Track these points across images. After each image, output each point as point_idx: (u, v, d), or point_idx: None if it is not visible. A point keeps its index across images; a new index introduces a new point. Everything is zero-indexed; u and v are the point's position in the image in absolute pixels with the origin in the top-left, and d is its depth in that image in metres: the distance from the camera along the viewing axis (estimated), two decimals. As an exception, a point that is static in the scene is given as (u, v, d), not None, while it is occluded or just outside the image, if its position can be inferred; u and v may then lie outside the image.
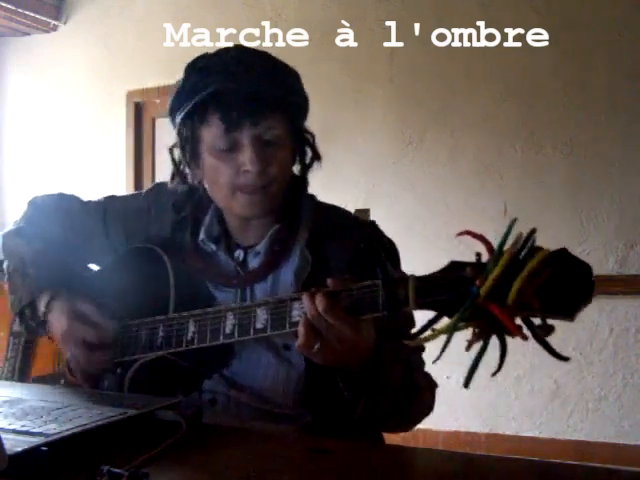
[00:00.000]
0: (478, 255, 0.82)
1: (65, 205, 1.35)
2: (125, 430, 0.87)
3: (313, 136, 1.23)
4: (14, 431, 0.80)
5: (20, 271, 1.23)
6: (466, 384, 0.78)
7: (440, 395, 1.17)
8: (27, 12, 4.26)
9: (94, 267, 1.35)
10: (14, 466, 0.71)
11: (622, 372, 3.25)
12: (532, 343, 0.79)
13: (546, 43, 3.33)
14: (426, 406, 1.16)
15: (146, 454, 0.79)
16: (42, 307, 1.18)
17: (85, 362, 1.15)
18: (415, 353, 1.16)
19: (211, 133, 1.12)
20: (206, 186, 1.20)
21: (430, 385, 1.17)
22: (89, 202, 1.35)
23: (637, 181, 3.22)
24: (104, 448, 0.82)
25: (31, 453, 0.73)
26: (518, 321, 0.79)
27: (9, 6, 4.13)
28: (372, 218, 1.19)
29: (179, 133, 1.18)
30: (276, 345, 1.14)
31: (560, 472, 0.84)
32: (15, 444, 0.74)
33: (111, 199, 1.35)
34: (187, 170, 1.22)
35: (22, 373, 1.27)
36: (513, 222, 0.79)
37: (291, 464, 0.84)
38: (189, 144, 1.17)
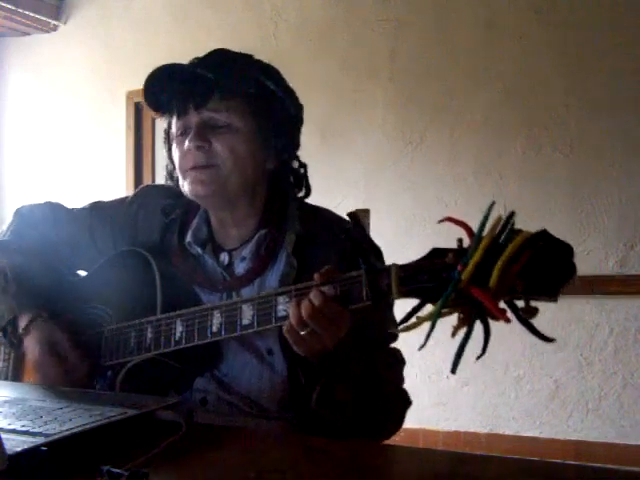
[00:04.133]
0: (460, 241, 0.83)
1: (51, 214, 1.34)
2: (125, 430, 0.87)
3: (290, 139, 1.22)
4: (14, 431, 0.80)
5: (2, 286, 1.22)
6: (453, 369, 0.79)
7: (440, 395, 1.17)
8: (27, 12, 4.26)
9: (83, 274, 1.35)
10: (14, 466, 0.71)
11: (622, 372, 3.25)
12: (532, 343, 0.79)
13: (546, 43, 3.34)
14: (394, 418, 1.15)
15: (146, 454, 0.79)
16: (20, 329, 1.18)
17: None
18: (395, 367, 1.15)
19: (174, 120, 1.19)
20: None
21: (404, 400, 1.16)
22: (75, 209, 1.35)
23: (637, 181, 3.22)
24: (104, 448, 0.81)
25: (31, 453, 0.73)
26: (502, 304, 0.79)
27: (9, 6, 4.13)
28: (372, 218, 1.19)
29: (164, 131, 1.24)
30: (260, 350, 1.15)
31: (560, 472, 0.83)
32: (15, 444, 0.74)
33: (97, 205, 1.35)
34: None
35: (14, 381, 1.27)
36: (491, 206, 0.79)
37: (291, 464, 0.84)
38: (166, 139, 1.23)
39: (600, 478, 0.81)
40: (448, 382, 3.17)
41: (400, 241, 3.32)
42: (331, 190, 3.55)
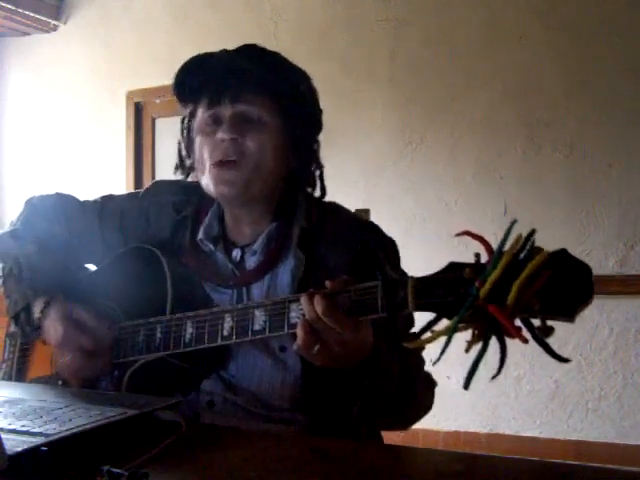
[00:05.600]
0: (477, 256, 0.82)
1: (62, 205, 1.34)
2: (125, 430, 0.87)
3: (313, 141, 1.22)
4: (14, 431, 0.80)
5: (15, 274, 1.22)
6: (466, 386, 0.78)
7: (440, 395, 1.17)
8: (27, 12, 4.26)
9: (92, 267, 1.35)
10: (14, 466, 0.71)
11: (622, 372, 3.25)
12: (532, 343, 0.79)
13: (546, 43, 3.34)
14: (424, 405, 1.17)
15: (146, 454, 0.79)
16: (37, 313, 1.17)
17: (81, 368, 1.14)
18: (414, 352, 1.15)
19: (201, 111, 1.17)
20: (198, 176, 1.21)
21: (429, 384, 1.17)
22: (86, 202, 1.35)
23: (637, 181, 3.22)
24: (104, 448, 0.81)
25: (31, 453, 0.73)
26: (518, 322, 0.78)
27: (9, 6, 4.13)
28: (372, 218, 1.19)
29: (182, 121, 1.22)
30: (272, 347, 1.14)
31: (560, 472, 0.83)
32: (15, 444, 0.74)
33: (108, 199, 1.34)
34: (187, 161, 1.23)
35: (19, 375, 1.27)
36: (513, 223, 0.78)
37: (291, 464, 0.84)
38: (186, 130, 1.21)
39: (600, 478, 0.81)
40: (448, 382, 3.16)
41: (400, 241, 3.31)
42: (331, 190, 3.55)
